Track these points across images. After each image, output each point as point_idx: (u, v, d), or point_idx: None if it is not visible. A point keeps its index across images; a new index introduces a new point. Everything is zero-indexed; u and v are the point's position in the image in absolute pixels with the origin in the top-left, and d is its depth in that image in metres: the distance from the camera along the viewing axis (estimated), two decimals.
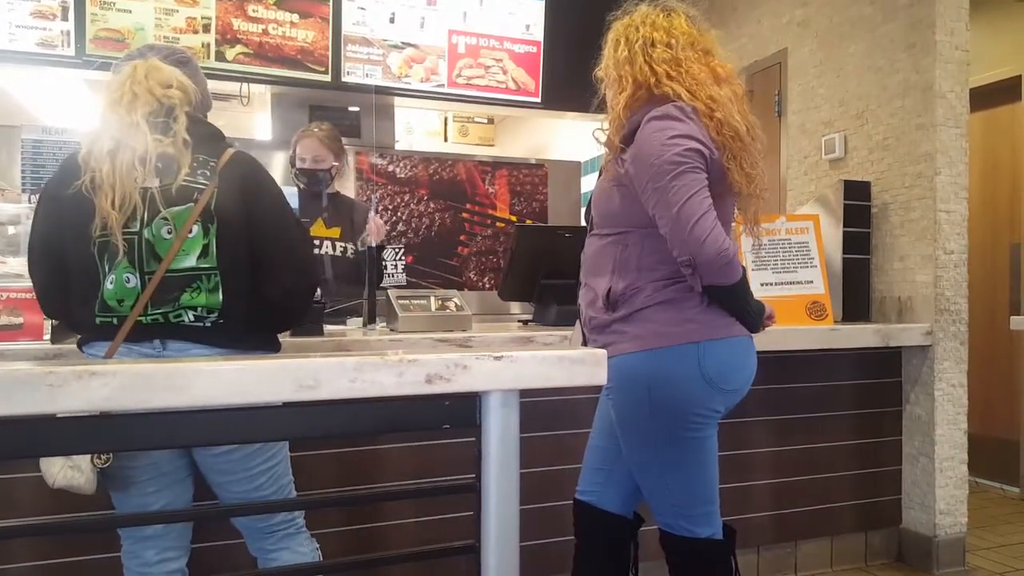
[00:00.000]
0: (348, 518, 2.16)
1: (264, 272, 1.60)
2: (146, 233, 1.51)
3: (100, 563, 1.90)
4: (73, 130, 3.30)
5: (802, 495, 2.74)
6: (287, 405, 0.86)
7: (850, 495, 2.82)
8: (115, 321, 1.52)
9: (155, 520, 1.61)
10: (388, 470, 2.20)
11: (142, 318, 1.51)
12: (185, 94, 1.59)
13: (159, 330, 1.53)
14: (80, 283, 1.55)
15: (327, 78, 3.76)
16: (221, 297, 1.54)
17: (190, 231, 1.52)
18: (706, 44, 1.64)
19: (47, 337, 1.87)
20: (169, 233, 1.52)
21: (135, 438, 0.87)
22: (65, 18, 3.34)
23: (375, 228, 2.54)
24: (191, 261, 1.53)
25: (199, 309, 1.53)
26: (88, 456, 1.51)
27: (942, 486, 2.80)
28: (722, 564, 1.66)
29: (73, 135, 3.28)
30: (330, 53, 3.75)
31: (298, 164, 2.79)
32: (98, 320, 1.53)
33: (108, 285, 1.52)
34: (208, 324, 1.54)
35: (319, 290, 1.91)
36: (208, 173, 1.57)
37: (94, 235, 1.50)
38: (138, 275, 1.51)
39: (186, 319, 1.53)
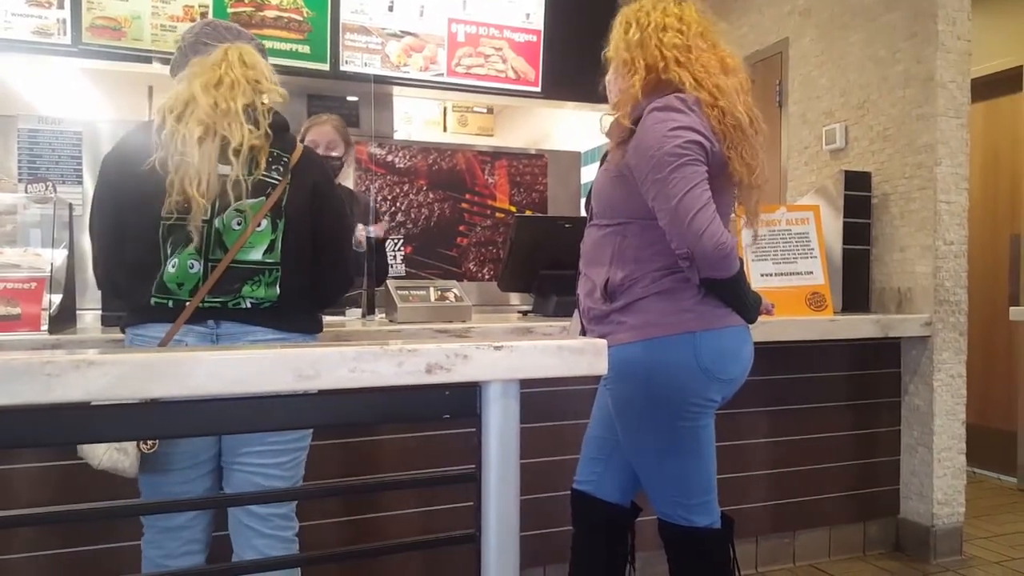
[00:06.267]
0: (349, 508, 2.16)
1: (314, 271, 1.64)
2: (216, 222, 1.52)
3: (105, 553, 1.90)
4: (70, 119, 3.29)
5: (800, 485, 2.75)
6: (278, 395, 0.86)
7: (848, 485, 2.83)
8: (170, 304, 1.51)
9: (163, 509, 1.59)
10: (389, 460, 2.21)
11: (199, 303, 1.51)
12: (272, 88, 1.62)
13: (214, 312, 1.54)
14: (137, 260, 1.53)
15: (326, 67, 3.74)
16: (278, 291, 1.56)
17: (259, 225, 1.54)
18: (715, 37, 1.65)
19: (45, 327, 1.87)
20: (239, 225, 1.53)
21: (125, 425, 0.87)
22: (61, 6, 3.31)
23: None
24: (257, 255, 1.55)
25: (256, 299, 1.55)
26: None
27: (940, 476, 2.81)
28: (720, 553, 1.66)
29: (71, 124, 3.27)
30: (328, 42, 3.73)
31: None
32: (153, 301, 1.52)
33: (170, 268, 1.51)
34: (262, 308, 1.56)
35: None
36: (281, 169, 1.59)
37: (162, 216, 1.50)
38: (202, 262, 1.51)
39: (243, 306, 1.55)
